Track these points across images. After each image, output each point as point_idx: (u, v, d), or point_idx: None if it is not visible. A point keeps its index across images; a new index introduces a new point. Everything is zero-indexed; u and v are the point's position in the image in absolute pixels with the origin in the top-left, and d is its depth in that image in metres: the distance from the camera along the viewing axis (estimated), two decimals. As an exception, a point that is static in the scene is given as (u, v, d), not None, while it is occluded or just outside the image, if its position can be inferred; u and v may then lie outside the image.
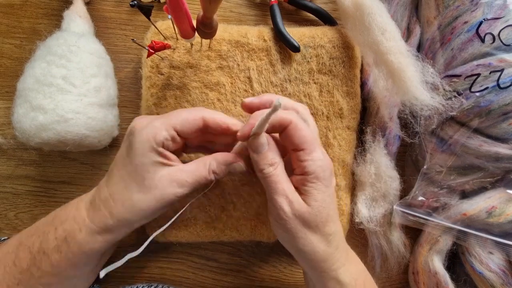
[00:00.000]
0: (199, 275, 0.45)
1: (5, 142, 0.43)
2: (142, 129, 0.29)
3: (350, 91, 0.42)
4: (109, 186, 0.29)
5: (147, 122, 0.29)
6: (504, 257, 0.39)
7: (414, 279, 0.43)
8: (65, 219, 0.29)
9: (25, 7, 0.43)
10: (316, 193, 0.29)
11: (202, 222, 0.41)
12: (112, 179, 0.30)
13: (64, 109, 0.35)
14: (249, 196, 0.41)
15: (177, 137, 0.29)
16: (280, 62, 0.41)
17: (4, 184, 0.43)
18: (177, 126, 0.29)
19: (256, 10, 0.45)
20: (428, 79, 0.37)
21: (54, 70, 0.36)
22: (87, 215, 0.29)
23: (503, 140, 0.38)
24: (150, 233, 0.41)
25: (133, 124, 0.30)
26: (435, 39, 0.41)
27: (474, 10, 0.38)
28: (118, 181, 0.29)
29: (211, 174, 0.30)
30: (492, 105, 0.37)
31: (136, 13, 0.44)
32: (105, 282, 0.44)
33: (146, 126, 0.29)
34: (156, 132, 0.28)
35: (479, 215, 0.39)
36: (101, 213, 0.29)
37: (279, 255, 0.45)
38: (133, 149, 0.28)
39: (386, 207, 0.41)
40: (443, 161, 0.41)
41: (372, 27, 0.36)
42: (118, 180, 0.29)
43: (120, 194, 0.29)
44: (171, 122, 0.29)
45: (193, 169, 0.30)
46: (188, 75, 0.40)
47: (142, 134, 0.28)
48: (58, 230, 0.29)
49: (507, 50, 0.37)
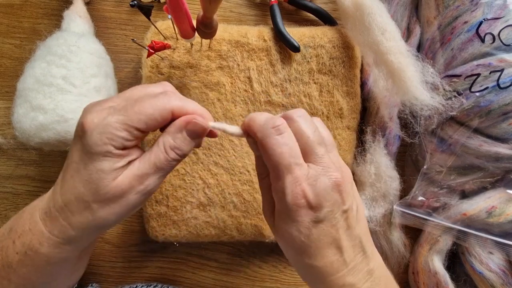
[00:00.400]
0: (199, 275, 0.45)
1: (5, 142, 0.43)
2: (95, 128, 0.23)
3: (350, 91, 0.42)
4: (63, 194, 0.24)
5: (100, 118, 0.23)
6: (504, 257, 0.39)
7: (414, 279, 0.43)
8: (21, 231, 0.25)
9: (25, 7, 0.43)
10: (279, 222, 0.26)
11: (202, 222, 0.41)
12: (65, 185, 0.25)
13: (64, 109, 0.35)
14: (249, 196, 0.41)
15: (139, 135, 0.24)
16: (280, 62, 0.41)
17: (4, 184, 0.43)
18: (140, 125, 0.23)
19: (256, 10, 0.45)
20: (428, 79, 0.37)
21: (54, 70, 0.36)
22: (45, 227, 0.25)
23: (503, 140, 0.38)
24: (151, 234, 0.41)
25: (82, 120, 0.23)
26: (435, 39, 0.41)
27: (474, 10, 0.38)
28: (71, 189, 0.24)
29: (171, 152, 0.25)
30: (492, 105, 0.37)
31: (136, 13, 0.44)
32: (104, 282, 0.44)
33: (99, 124, 0.23)
34: (113, 134, 0.23)
35: (479, 215, 0.39)
36: (59, 224, 0.25)
37: (279, 255, 0.45)
38: (85, 154, 0.23)
39: (386, 207, 0.41)
40: (443, 161, 0.41)
41: (372, 27, 0.36)
42: (71, 188, 0.24)
43: (75, 205, 0.24)
44: (132, 121, 0.23)
45: (149, 157, 0.25)
46: (188, 75, 0.40)
47: (95, 137, 0.23)
48: (17, 244, 0.25)
49: (507, 50, 0.37)
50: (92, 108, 0.24)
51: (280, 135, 0.25)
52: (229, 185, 0.40)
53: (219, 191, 0.40)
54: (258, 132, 0.26)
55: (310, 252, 0.26)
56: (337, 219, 0.26)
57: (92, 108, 0.24)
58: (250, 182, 0.40)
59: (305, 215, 0.25)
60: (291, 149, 0.25)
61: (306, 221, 0.25)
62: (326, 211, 0.25)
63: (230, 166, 0.40)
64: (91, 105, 0.25)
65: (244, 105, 0.41)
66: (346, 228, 0.26)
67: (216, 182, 0.40)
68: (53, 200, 0.25)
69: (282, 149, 0.24)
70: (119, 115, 0.23)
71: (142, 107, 0.23)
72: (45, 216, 0.25)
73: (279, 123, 0.25)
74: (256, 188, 0.41)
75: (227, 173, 0.40)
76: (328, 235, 0.25)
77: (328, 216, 0.25)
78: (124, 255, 0.44)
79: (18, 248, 0.25)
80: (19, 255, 0.25)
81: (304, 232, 0.25)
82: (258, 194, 0.41)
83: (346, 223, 0.26)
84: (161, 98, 0.24)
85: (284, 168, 0.25)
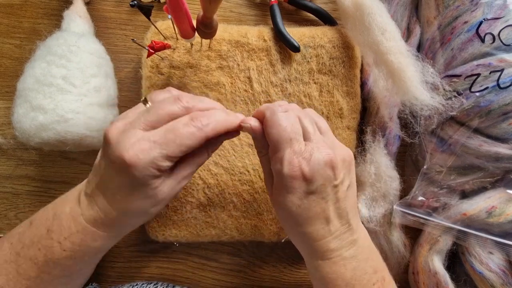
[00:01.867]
0: (199, 275, 0.45)
1: (5, 142, 0.43)
2: (141, 164, 0.25)
3: (350, 91, 0.42)
4: (118, 209, 0.27)
5: (144, 154, 0.25)
6: (504, 257, 0.39)
7: (414, 279, 0.43)
8: (68, 234, 0.28)
9: (25, 7, 0.43)
10: (276, 193, 0.29)
11: (202, 222, 0.41)
12: (117, 203, 0.27)
13: (64, 109, 0.35)
14: (249, 196, 0.41)
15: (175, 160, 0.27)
16: (280, 62, 0.41)
17: (4, 184, 0.43)
18: (181, 154, 0.26)
19: (256, 10, 0.45)
20: (428, 79, 0.37)
21: (54, 70, 0.36)
22: (99, 229, 0.28)
23: (503, 140, 0.38)
24: (151, 233, 0.41)
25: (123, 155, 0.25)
26: (435, 39, 0.41)
27: (474, 10, 0.38)
28: (128, 204, 0.27)
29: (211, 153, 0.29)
30: (492, 105, 0.37)
31: (136, 13, 0.44)
32: (104, 281, 0.44)
33: (144, 159, 0.25)
34: (158, 165, 0.25)
35: (479, 215, 0.39)
36: (116, 227, 0.29)
37: (279, 255, 0.45)
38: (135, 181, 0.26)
39: (386, 207, 0.41)
40: (443, 161, 0.41)
41: (372, 27, 0.36)
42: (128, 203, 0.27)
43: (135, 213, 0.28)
44: (174, 152, 0.26)
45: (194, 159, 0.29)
46: (188, 75, 0.40)
47: (143, 170, 0.25)
48: (64, 243, 0.28)
49: (507, 50, 0.37)
50: (129, 141, 0.25)
51: (286, 112, 0.29)
52: (229, 185, 0.40)
53: (219, 191, 0.40)
54: (266, 110, 0.29)
55: (300, 220, 0.29)
56: (327, 193, 0.28)
57: (129, 141, 0.25)
58: (250, 182, 0.40)
59: (298, 186, 0.28)
60: (293, 125, 0.28)
61: (299, 192, 0.28)
62: (319, 184, 0.28)
63: (230, 166, 0.40)
64: (126, 137, 0.26)
65: (244, 105, 0.41)
66: (335, 202, 0.29)
67: (216, 182, 0.40)
68: (104, 213, 0.28)
69: (286, 124, 0.28)
70: (161, 149, 0.25)
71: (182, 141, 0.26)
72: (98, 223, 0.28)
73: (284, 103, 0.30)
74: (256, 188, 0.41)
75: (227, 173, 0.40)
76: (318, 206, 0.28)
77: (320, 189, 0.28)
78: (124, 255, 0.44)
79: (67, 246, 0.28)
80: (67, 251, 0.28)
81: (296, 202, 0.28)
82: (258, 194, 0.41)
83: (335, 196, 0.29)
84: (196, 128, 0.26)
85: (284, 141, 0.28)
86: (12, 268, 0.28)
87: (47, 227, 0.29)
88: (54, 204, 0.30)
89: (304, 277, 0.45)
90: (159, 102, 0.28)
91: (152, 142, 0.25)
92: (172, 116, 0.27)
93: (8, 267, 0.29)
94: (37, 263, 0.28)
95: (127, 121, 0.27)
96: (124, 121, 0.27)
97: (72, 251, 0.28)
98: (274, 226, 0.41)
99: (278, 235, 0.42)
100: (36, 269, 0.28)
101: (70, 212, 0.28)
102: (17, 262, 0.28)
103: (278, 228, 0.41)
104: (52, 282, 0.29)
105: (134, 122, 0.26)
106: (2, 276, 0.28)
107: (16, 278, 0.28)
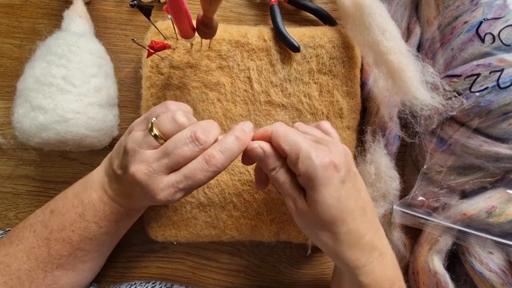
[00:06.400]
0: (198, 275, 0.45)
1: (5, 142, 0.43)
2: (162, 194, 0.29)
3: (350, 91, 0.42)
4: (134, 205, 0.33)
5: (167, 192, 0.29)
6: (504, 257, 0.39)
7: (414, 279, 0.43)
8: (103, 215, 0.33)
9: (25, 7, 0.43)
10: (312, 193, 0.28)
11: (202, 222, 0.41)
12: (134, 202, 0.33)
13: (64, 109, 0.35)
14: (249, 196, 0.41)
15: None
16: (280, 62, 0.41)
17: (4, 184, 0.43)
18: (190, 188, 0.29)
19: (256, 10, 0.45)
20: (428, 79, 0.37)
21: (54, 70, 0.36)
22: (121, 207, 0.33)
23: (503, 140, 0.38)
24: (151, 233, 0.41)
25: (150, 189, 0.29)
26: (435, 39, 0.41)
27: (474, 10, 0.38)
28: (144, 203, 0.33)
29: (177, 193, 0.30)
30: (492, 105, 0.37)
31: (136, 13, 0.44)
32: (104, 282, 0.44)
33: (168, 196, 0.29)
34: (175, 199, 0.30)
35: (479, 215, 0.39)
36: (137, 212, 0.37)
37: (279, 255, 0.45)
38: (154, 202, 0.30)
39: (386, 207, 0.42)
40: (443, 161, 0.41)
41: (372, 27, 0.36)
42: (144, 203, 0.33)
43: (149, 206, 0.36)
44: (189, 191, 0.30)
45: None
46: (188, 75, 0.40)
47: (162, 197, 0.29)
48: (101, 222, 0.33)
49: (507, 50, 0.36)
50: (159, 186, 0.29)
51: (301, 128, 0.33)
52: (229, 185, 0.40)
53: (219, 191, 0.40)
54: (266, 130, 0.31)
55: (344, 216, 0.29)
56: (353, 180, 0.30)
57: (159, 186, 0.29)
58: (250, 182, 0.40)
59: (332, 175, 0.28)
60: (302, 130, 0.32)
61: (335, 181, 0.28)
62: (345, 171, 0.29)
63: (230, 166, 0.40)
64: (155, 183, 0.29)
65: (244, 105, 0.41)
66: (361, 191, 0.31)
67: (216, 182, 0.40)
68: (124, 206, 0.33)
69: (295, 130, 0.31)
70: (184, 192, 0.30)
71: (200, 183, 0.29)
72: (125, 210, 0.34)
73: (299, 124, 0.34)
74: (256, 188, 0.41)
75: (227, 173, 0.40)
76: (353, 196, 0.29)
77: (347, 177, 0.29)
78: (124, 255, 0.44)
79: (104, 224, 0.33)
80: (103, 228, 0.34)
81: (334, 194, 0.28)
82: (258, 194, 0.41)
83: (357, 186, 0.31)
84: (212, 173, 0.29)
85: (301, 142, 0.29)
86: (42, 251, 0.33)
87: (79, 213, 0.33)
88: (73, 193, 0.34)
89: (304, 277, 0.45)
90: (175, 143, 0.29)
91: (177, 188, 0.29)
92: (191, 159, 0.29)
93: (37, 252, 0.32)
94: (71, 242, 0.33)
95: (148, 164, 0.29)
96: (146, 165, 0.29)
97: (107, 227, 0.34)
98: (274, 226, 0.41)
99: (278, 235, 0.42)
100: (70, 247, 0.33)
101: (99, 199, 0.33)
102: (49, 245, 0.33)
103: (278, 228, 0.41)
104: (82, 258, 0.34)
105: (157, 168, 0.29)
106: (31, 260, 0.32)
107: (47, 259, 0.33)
